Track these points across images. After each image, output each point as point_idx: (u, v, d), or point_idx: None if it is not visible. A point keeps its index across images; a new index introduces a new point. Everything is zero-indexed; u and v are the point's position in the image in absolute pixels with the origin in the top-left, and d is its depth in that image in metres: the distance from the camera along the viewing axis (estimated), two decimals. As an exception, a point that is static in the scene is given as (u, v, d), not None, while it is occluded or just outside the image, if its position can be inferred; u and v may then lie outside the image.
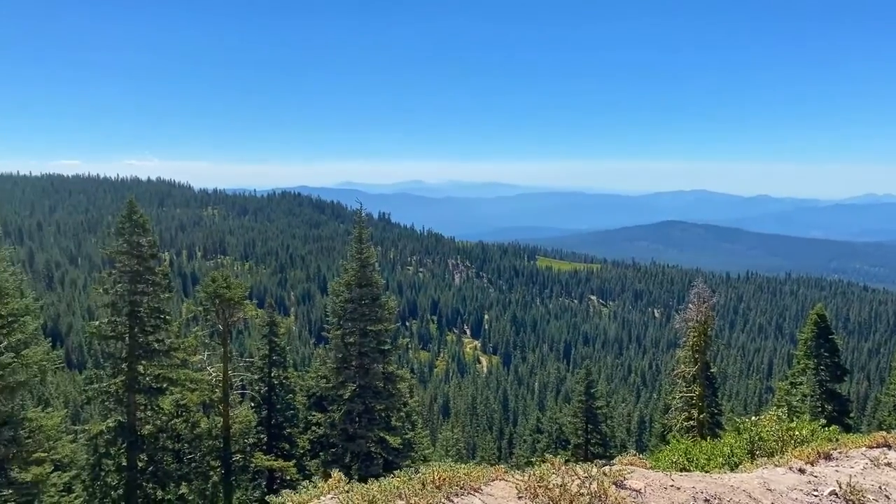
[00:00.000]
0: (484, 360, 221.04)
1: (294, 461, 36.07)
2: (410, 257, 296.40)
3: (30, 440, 25.72)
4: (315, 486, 7.14)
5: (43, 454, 26.14)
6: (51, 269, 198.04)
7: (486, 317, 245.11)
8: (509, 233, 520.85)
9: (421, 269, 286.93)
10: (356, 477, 27.02)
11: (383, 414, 35.05)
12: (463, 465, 6.90)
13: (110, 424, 30.51)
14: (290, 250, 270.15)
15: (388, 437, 33.91)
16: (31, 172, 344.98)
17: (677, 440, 22.61)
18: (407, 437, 36.40)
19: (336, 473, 7.57)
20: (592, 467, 7.09)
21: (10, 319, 25.60)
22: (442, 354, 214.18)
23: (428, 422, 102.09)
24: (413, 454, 37.09)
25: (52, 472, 26.12)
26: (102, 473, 30.73)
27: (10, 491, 24.94)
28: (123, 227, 30.81)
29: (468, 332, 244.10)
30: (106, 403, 31.37)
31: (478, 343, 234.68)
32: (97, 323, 31.26)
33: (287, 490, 8.34)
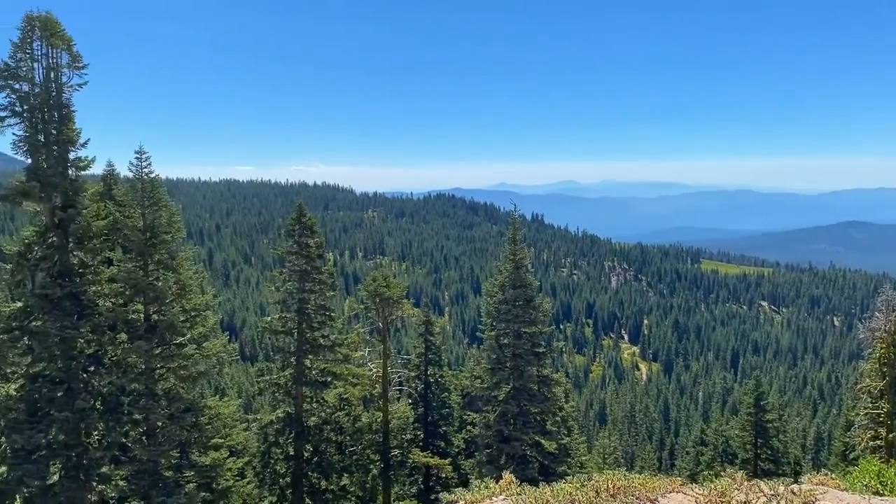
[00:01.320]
0: (643, 366, 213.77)
1: (449, 459, 36.54)
2: (564, 259, 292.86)
3: (209, 426, 27.88)
4: (487, 487, 7.01)
5: (220, 440, 28.26)
6: (227, 268, 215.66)
7: (646, 322, 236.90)
8: (670, 234, 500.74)
9: (575, 272, 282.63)
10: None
11: (538, 417, 34.63)
12: (638, 475, 6.48)
13: (279, 415, 32.45)
14: (444, 251, 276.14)
15: (543, 441, 33.43)
16: (210, 178, 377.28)
17: (867, 461, 20.41)
18: (562, 442, 35.72)
19: (507, 475, 7.39)
20: (779, 485, 6.40)
21: (192, 314, 27.90)
22: (598, 359, 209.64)
23: (584, 428, 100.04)
24: (569, 460, 36.36)
25: (227, 458, 28.15)
26: (272, 461, 32.75)
27: (192, 473, 27.17)
28: (293, 229, 32.66)
29: (626, 336, 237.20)
30: (276, 395, 33.40)
31: (636, 349, 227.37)
32: (269, 318, 33.36)
33: (461, 489, 8.26)
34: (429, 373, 39.16)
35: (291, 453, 32.92)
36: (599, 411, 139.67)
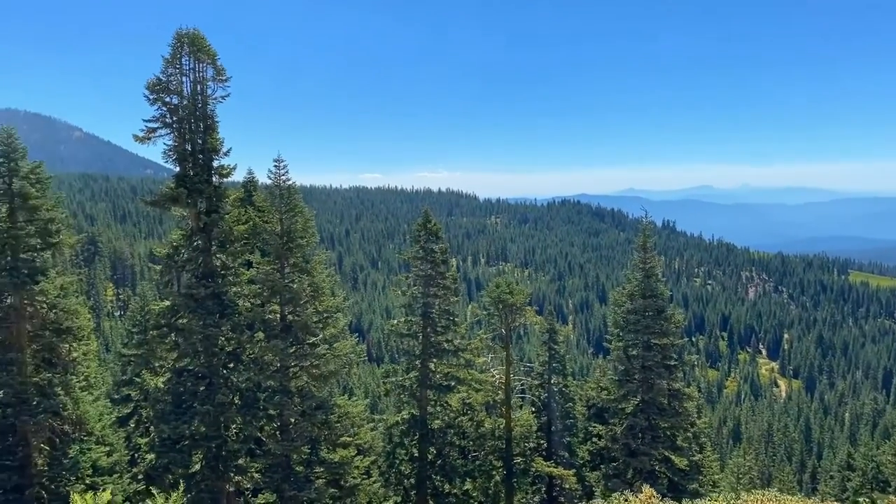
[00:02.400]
0: (782, 383, 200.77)
1: (573, 470, 35.73)
2: (697, 268, 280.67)
3: (338, 424, 28.76)
4: (627, 500, 6.72)
5: (348, 438, 29.08)
6: (356, 272, 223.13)
7: (786, 336, 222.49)
8: (814, 243, 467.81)
9: (709, 282, 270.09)
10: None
11: (668, 432, 33.18)
12: (791, 497, 5.94)
13: (405, 416, 32.99)
14: (568, 258, 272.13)
15: (673, 456, 31.98)
16: (341, 185, 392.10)
17: None
18: (694, 458, 34.01)
19: (647, 489, 7.06)
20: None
21: (325, 315, 28.92)
22: (733, 374, 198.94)
23: (716, 445, 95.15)
24: (701, 478, 34.57)
25: (355, 456, 28.91)
26: (397, 462, 33.34)
27: (322, 469, 28.10)
28: (419, 235, 33.18)
29: (763, 351, 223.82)
30: (401, 396, 34.00)
31: (775, 364, 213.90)
32: (395, 322, 34.05)
33: (598, 501, 8.00)
34: (552, 382, 38.52)
35: (416, 455, 33.37)
36: (733, 429, 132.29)
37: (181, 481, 24.53)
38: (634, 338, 33.32)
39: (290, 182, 29.02)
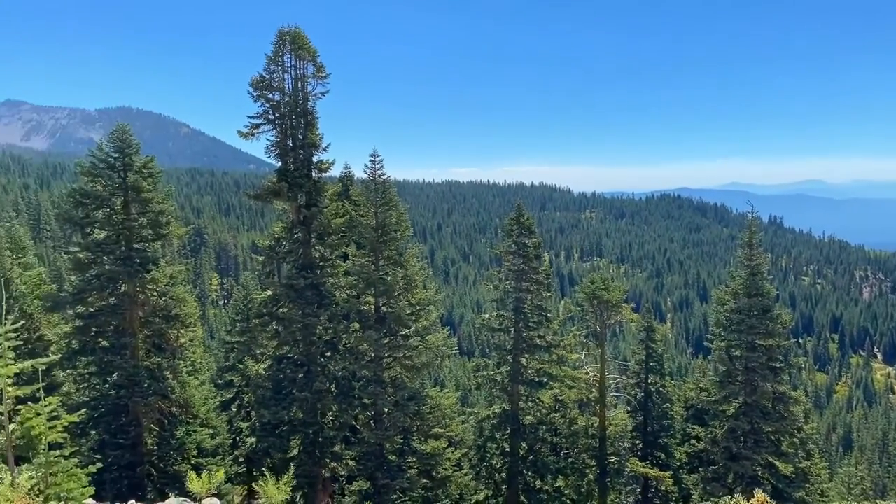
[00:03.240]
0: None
1: (670, 472, 34.60)
2: (806, 266, 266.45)
3: (430, 416, 29.00)
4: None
5: (440, 430, 29.26)
6: (447, 265, 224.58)
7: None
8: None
9: (819, 281, 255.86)
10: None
11: (773, 437, 31.58)
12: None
13: (496, 411, 32.88)
14: (667, 255, 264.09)
15: (777, 462, 30.42)
16: (433, 179, 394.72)
17: None
18: (800, 466, 32.23)
19: (760, 494, 6.64)
20: None
21: (417, 308, 29.18)
22: (843, 379, 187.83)
23: (825, 453, 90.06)
24: (808, 486, 32.74)
25: (446, 448, 29.06)
26: (487, 455, 33.29)
27: (414, 459, 28.41)
28: (512, 229, 32.91)
29: (879, 355, 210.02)
30: (492, 391, 33.90)
31: (892, 370, 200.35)
32: (486, 316, 33.94)
33: None
34: (649, 381, 37.40)
35: (507, 449, 33.21)
36: (844, 436, 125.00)
37: (282, 465, 25.39)
38: (737, 338, 31.87)
39: (384, 176, 29.42)
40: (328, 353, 28.87)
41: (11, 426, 12.27)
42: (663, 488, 34.83)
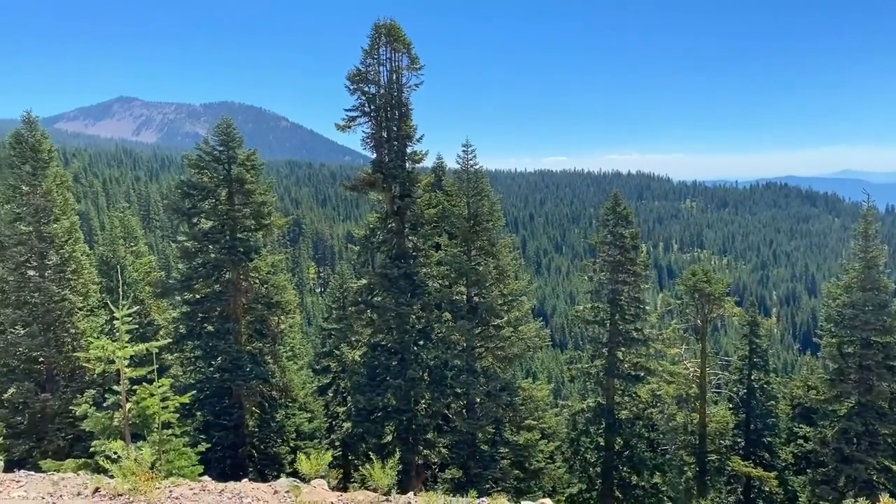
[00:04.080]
0: None
1: (775, 473, 33.05)
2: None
3: (522, 407, 28.84)
4: None
5: (532, 422, 29.06)
6: (539, 256, 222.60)
7: None
8: None
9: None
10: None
11: (890, 440, 29.61)
12: None
13: (590, 404, 32.31)
14: (773, 246, 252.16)
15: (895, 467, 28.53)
16: (525, 169, 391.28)
17: None
18: (922, 472, 30.08)
19: (887, 498, 6.17)
20: None
21: (510, 298, 29.03)
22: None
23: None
24: (930, 495, 30.52)
25: (539, 440, 28.83)
26: (581, 449, 32.78)
27: (507, 450, 28.33)
28: (608, 219, 32.17)
29: None
30: (586, 384, 33.33)
31: None
32: (580, 307, 33.35)
33: None
34: (752, 377, 35.77)
35: (601, 444, 32.61)
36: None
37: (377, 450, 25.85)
38: (850, 334, 30.00)
39: (477, 166, 29.37)
40: (421, 342, 29.13)
41: (128, 405, 12.98)
42: (767, 489, 33.33)
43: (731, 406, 35.58)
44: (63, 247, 28.36)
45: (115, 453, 10.82)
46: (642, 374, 31.83)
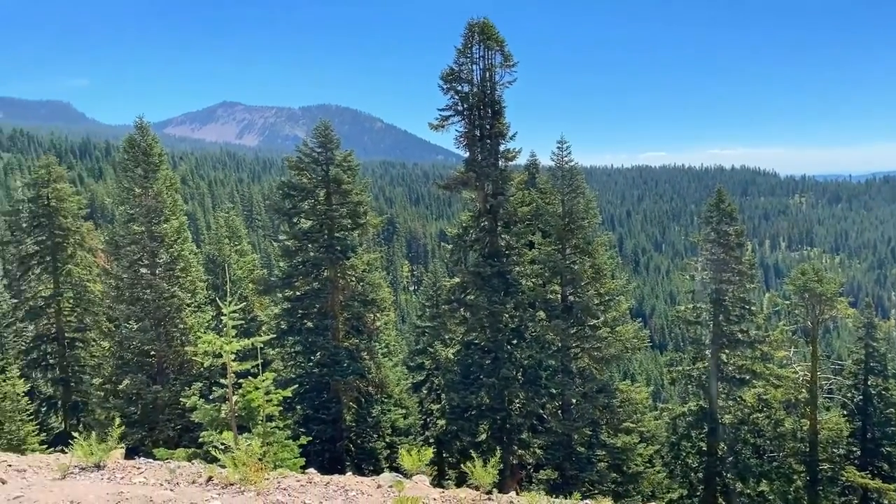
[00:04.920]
0: None
1: (895, 486, 30.88)
2: None
3: (620, 409, 28.13)
4: None
5: (631, 424, 28.29)
6: (637, 255, 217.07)
7: None
8: None
9: None
10: None
11: None
12: None
13: (692, 408, 31.18)
14: (891, 244, 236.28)
15: None
16: (622, 165, 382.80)
17: None
18: None
19: None
20: None
21: (606, 298, 28.37)
22: None
23: None
24: None
25: (637, 443, 28.03)
26: (682, 454, 31.67)
27: (604, 452, 27.72)
28: (711, 216, 30.92)
29: None
30: (687, 387, 32.19)
31: None
32: (681, 308, 32.23)
33: None
34: (869, 383, 33.57)
35: (704, 449, 31.40)
36: None
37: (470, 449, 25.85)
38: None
39: (572, 163, 28.89)
40: (515, 341, 28.93)
41: (234, 398, 13.46)
42: (885, 502, 31.19)
43: (845, 413, 33.51)
44: (172, 246, 29.87)
45: (225, 444, 11.24)
46: (748, 377, 30.42)
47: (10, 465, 8.31)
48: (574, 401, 27.86)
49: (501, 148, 29.66)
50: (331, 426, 28.51)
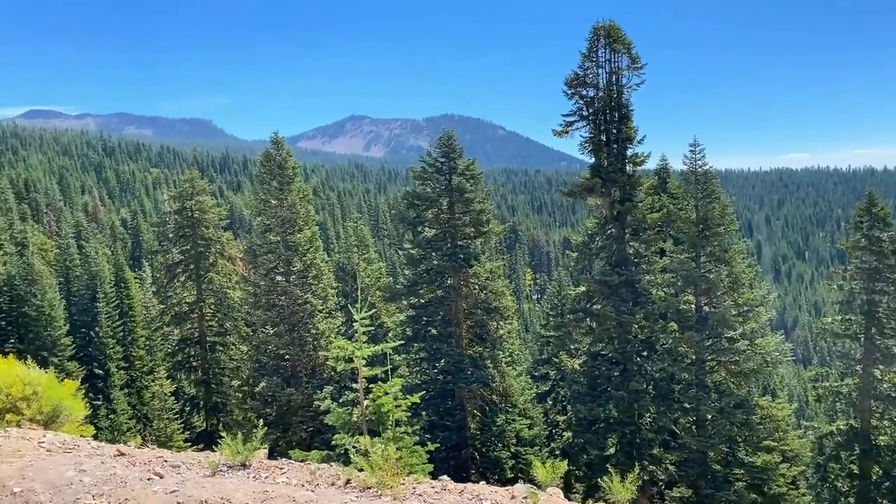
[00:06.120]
0: None
1: None
2: None
3: (760, 426, 26.44)
4: None
5: (772, 443, 26.51)
6: (777, 263, 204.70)
7: None
8: None
9: None
10: None
11: None
12: None
13: (840, 427, 28.85)
14: None
15: None
16: (760, 168, 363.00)
17: None
18: None
19: None
20: None
21: (744, 309, 26.82)
22: None
23: None
24: None
25: (779, 463, 26.24)
26: (830, 476, 29.34)
27: (742, 471, 26.14)
28: (861, 221, 28.59)
29: None
30: (835, 404, 29.82)
31: None
32: (828, 320, 29.97)
33: None
34: None
35: (855, 471, 28.95)
36: None
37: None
38: None
39: (706, 167, 27.62)
40: (644, 353, 27.92)
41: (365, 402, 13.74)
42: None
43: None
44: (306, 254, 31.16)
45: (362, 447, 11.47)
46: (907, 396, 27.81)
47: (165, 461, 8.84)
48: (709, 416, 26.47)
49: (629, 152, 28.82)
50: (455, 433, 28.62)
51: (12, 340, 41.97)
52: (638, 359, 27.59)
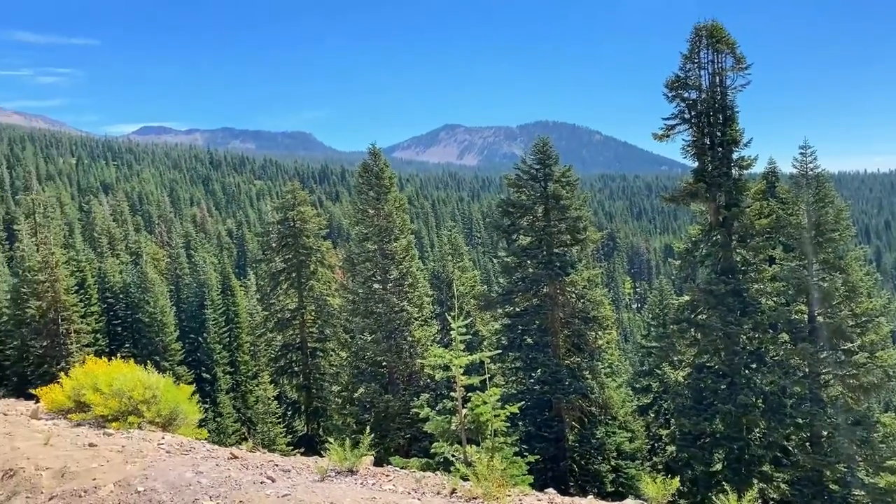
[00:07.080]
0: None
1: None
2: None
3: (882, 445, 24.67)
4: None
5: (895, 463, 24.68)
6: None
7: None
8: None
9: None
10: None
11: None
12: None
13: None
14: None
15: None
16: (878, 169, 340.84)
17: None
18: None
19: None
20: None
21: (863, 319, 25.15)
22: None
23: None
24: None
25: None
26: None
27: (862, 492, 24.44)
28: None
29: None
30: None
31: None
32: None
33: None
34: None
35: None
36: None
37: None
38: None
39: (818, 170, 26.15)
40: (753, 365, 26.61)
41: (464, 411, 13.71)
42: None
43: None
44: (402, 263, 31.61)
45: (466, 457, 11.45)
46: None
47: (276, 465, 9.11)
48: (825, 433, 24.92)
49: (734, 156, 27.66)
50: (553, 445, 28.20)
51: (127, 345, 44.67)
52: (746, 371, 26.32)
